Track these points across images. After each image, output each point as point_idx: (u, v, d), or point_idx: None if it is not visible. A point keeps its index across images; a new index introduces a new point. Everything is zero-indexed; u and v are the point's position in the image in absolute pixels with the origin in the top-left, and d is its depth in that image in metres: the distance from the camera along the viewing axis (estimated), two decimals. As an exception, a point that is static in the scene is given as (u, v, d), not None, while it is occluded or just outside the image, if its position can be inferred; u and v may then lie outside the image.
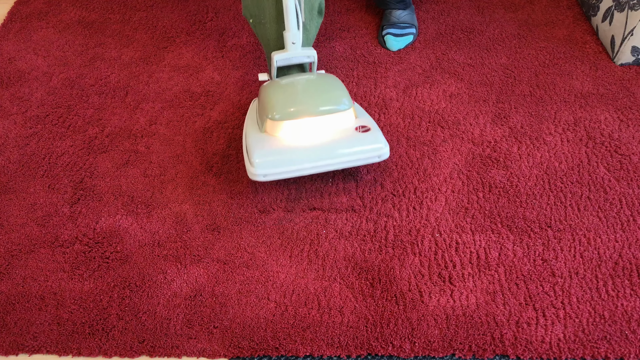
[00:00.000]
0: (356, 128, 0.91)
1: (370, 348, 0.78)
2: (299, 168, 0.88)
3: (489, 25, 1.32)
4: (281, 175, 0.88)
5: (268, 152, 0.88)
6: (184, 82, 1.20)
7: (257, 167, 0.87)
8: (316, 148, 0.88)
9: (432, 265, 0.87)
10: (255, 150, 0.88)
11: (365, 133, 0.90)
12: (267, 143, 0.89)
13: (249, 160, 0.88)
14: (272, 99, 0.91)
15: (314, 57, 0.98)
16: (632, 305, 0.81)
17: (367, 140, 0.89)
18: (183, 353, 0.78)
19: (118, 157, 1.04)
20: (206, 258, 0.89)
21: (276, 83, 0.95)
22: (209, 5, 1.41)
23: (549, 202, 0.95)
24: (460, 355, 0.77)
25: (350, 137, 0.89)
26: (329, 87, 0.93)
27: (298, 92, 0.92)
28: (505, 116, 1.10)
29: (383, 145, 0.90)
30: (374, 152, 0.89)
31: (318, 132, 0.90)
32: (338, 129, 0.90)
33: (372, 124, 0.92)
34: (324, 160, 0.88)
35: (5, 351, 0.79)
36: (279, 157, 0.88)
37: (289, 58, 0.97)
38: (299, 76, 0.97)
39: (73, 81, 1.20)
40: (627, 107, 1.11)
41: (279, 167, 0.87)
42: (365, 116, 0.94)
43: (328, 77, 0.96)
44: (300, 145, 0.88)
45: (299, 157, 0.88)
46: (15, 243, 0.91)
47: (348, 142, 0.89)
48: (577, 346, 0.77)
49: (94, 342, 0.79)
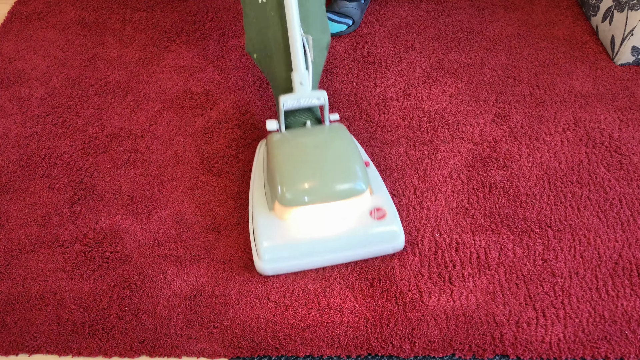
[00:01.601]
0: (371, 212, 0.84)
1: (370, 348, 0.78)
2: (309, 263, 0.84)
3: (489, 25, 1.32)
4: (290, 270, 0.85)
5: (278, 247, 0.82)
6: (184, 82, 1.20)
7: (266, 263, 0.82)
8: (330, 242, 0.83)
9: (432, 265, 0.87)
10: (263, 241, 0.82)
11: (380, 220, 0.83)
12: (277, 232, 0.82)
13: (257, 252, 0.83)
14: (282, 175, 0.81)
15: (325, 99, 0.89)
16: (632, 305, 0.81)
17: (382, 231, 0.83)
18: (183, 353, 0.78)
19: (118, 157, 1.04)
20: (206, 258, 0.89)
21: (285, 145, 0.86)
22: (209, 5, 1.41)
23: (549, 202, 0.95)
24: (460, 355, 0.77)
25: (365, 227, 0.83)
26: (345, 158, 0.83)
27: (309, 167, 0.81)
28: (505, 116, 1.10)
29: (399, 233, 0.84)
30: (387, 244, 0.85)
31: (331, 218, 0.83)
32: (352, 214, 0.83)
33: (388, 203, 0.85)
34: (336, 255, 0.84)
35: (5, 351, 0.79)
36: (290, 253, 0.82)
37: (298, 101, 0.89)
38: (309, 134, 0.88)
39: (73, 81, 1.20)
40: (627, 107, 1.11)
41: (289, 263, 0.83)
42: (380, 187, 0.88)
43: (340, 137, 0.86)
44: (311, 237, 0.82)
45: (310, 253, 0.83)
46: (15, 243, 0.91)
47: (362, 236, 0.83)
48: (577, 346, 0.77)
49: (94, 342, 0.79)
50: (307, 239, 0.82)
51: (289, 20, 0.85)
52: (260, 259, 0.82)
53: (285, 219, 0.83)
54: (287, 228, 0.82)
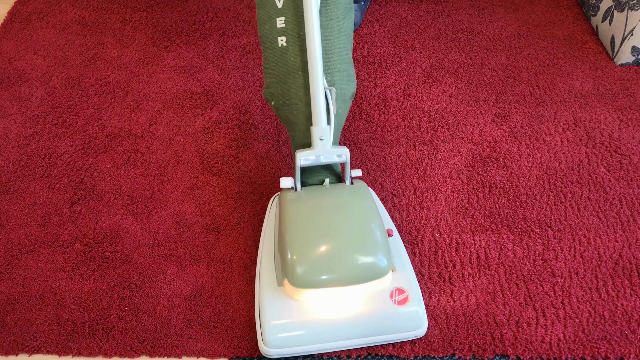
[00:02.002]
0: (391, 294, 0.75)
1: (370, 348, 0.78)
2: (319, 349, 0.75)
3: (489, 25, 1.32)
4: (297, 354, 0.75)
5: (284, 328, 0.73)
6: (184, 82, 1.20)
7: (270, 346, 0.73)
8: (343, 328, 0.73)
9: (432, 265, 0.87)
10: (269, 323, 0.73)
11: (402, 306, 0.74)
12: (285, 312, 0.73)
13: (261, 332, 0.74)
14: (296, 247, 0.72)
15: (347, 157, 0.81)
16: (632, 305, 0.81)
17: (405, 320, 0.75)
18: (183, 353, 0.78)
19: (118, 157, 1.04)
20: (206, 258, 0.89)
21: (301, 209, 0.77)
22: (209, 5, 1.41)
23: (549, 202, 0.95)
24: (460, 355, 0.77)
25: (385, 313, 0.74)
26: (367, 229, 0.74)
27: (327, 240, 0.72)
28: (505, 116, 1.10)
29: (423, 324, 0.76)
30: (410, 332, 0.76)
31: (346, 304, 0.74)
32: (371, 297, 0.74)
33: (411, 284, 0.77)
34: (350, 342, 0.75)
35: (5, 351, 0.79)
36: (298, 338, 0.73)
37: (317, 158, 0.81)
38: (327, 197, 0.80)
39: (73, 81, 1.20)
40: (627, 107, 1.11)
41: (297, 349, 0.74)
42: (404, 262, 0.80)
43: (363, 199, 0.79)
44: (324, 320, 0.73)
45: (321, 338, 0.73)
46: (15, 243, 0.91)
47: (380, 322, 0.74)
48: (577, 346, 0.77)
49: (94, 342, 0.79)
50: (318, 324, 0.73)
51: (311, 69, 0.76)
52: (265, 343, 0.73)
53: (294, 299, 0.74)
54: (297, 309, 0.73)
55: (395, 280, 0.76)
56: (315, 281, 0.71)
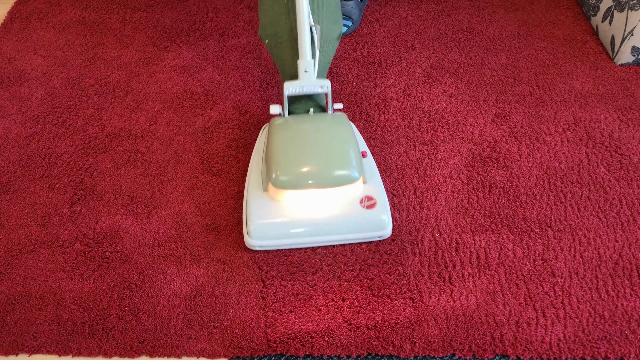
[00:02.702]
0: (361, 200, 0.86)
1: (371, 348, 0.78)
2: (295, 243, 0.87)
3: (489, 25, 1.32)
4: (276, 247, 0.87)
5: (267, 224, 0.85)
6: (184, 82, 1.20)
7: (253, 238, 0.85)
8: (317, 225, 0.85)
9: (432, 265, 0.87)
10: (254, 218, 0.85)
11: (369, 210, 0.85)
12: (267, 211, 0.85)
13: (246, 227, 0.86)
14: (279, 158, 0.83)
15: (328, 88, 0.91)
16: (632, 305, 0.81)
17: (370, 221, 0.85)
18: (183, 353, 0.78)
19: (118, 157, 1.04)
20: (206, 258, 0.89)
21: (286, 129, 0.88)
22: (209, 5, 1.41)
23: (549, 202, 0.95)
24: (460, 355, 0.77)
25: (354, 214, 0.85)
26: (342, 146, 0.85)
27: (305, 152, 0.84)
28: (505, 116, 1.10)
29: (386, 223, 0.86)
30: (374, 232, 0.87)
31: (322, 203, 0.85)
32: (343, 201, 0.86)
33: (379, 193, 0.87)
34: (322, 238, 0.86)
35: (5, 351, 0.79)
36: (277, 231, 0.85)
37: (301, 88, 0.91)
38: (309, 121, 0.91)
39: (73, 81, 1.20)
40: (627, 107, 1.11)
41: (275, 240, 0.86)
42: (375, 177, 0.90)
43: (339, 125, 0.89)
44: (300, 218, 0.85)
45: (297, 232, 0.85)
46: (15, 243, 0.91)
47: (350, 222, 0.85)
48: (577, 346, 0.77)
49: (94, 342, 0.79)
50: (295, 221, 0.85)
51: (298, 8, 0.88)
52: (250, 236, 0.86)
53: (277, 200, 0.86)
54: (277, 209, 0.85)
55: (366, 189, 0.88)
56: (294, 182, 0.82)
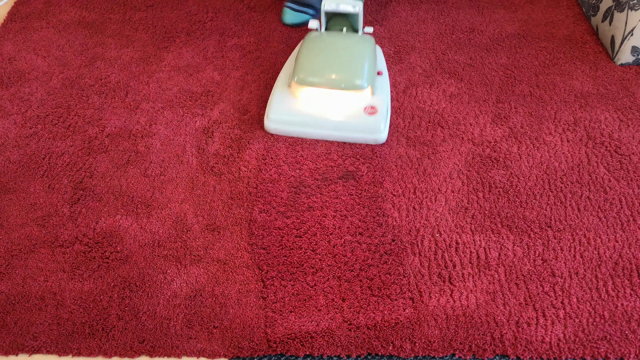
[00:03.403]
0: (365, 108, 1.02)
1: (371, 348, 0.78)
2: (303, 132, 1.04)
3: (489, 25, 1.32)
4: (287, 134, 1.05)
5: (283, 112, 1.03)
6: (184, 82, 1.20)
7: (271, 121, 1.04)
8: (324, 120, 1.02)
9: (432, 265, 0.87)
10: (275, 106, 1.04)
11: (370, 116, 1.01)
12: (286, 103, 1.04)
13: (267, 112, 1.05)
14: (304, 61, 1.03)
15: (360, 9, 1.05)
16: (632, 305, 0.81)
17: (368, 125, 1.01)
18: (183, 353, 0.78)
19: (118, 157, 1.04)
20: (206, 258, 0.89)
21: (317, 40, 1.06)
22: (209, 5, 1.41)
23: (549, 202, 0.95)
24: (460, 355, 0.77)
25: (356, 117, 1.02)
26: (359, 60, 1.02)
27: (327, 59, 1.02)
28: (505, 116, 1.10)
29: (382, 130, 1.01)
30: (370, 135, 1.02)
31: (332, 103, 1.03)
32: (350, 105, 1.02)
33: (383, 106, 1.03)
34: (327, 132, 1.03)
35: (5, 351, 0.79)
36: (290, 119, 1.03)
37: (336, 5, 1.05)
38: (340, 37, 1.07)
39: (73, 81, 1.20)
40: (627, 107, 1.11)
41: (288, 127, 1.04)
42: (383, 93, 1.05)
43: (364, 43, 1.05)
44: (311, 113, 1.03)
45: (306, 124, 1.03)
46: (15, 243, 0.91)
47: (352, 122, 1.01)
48: (577, 346, 0.77)
49: (94, 342, 0.79)
50: (306, 113, 1.03)
51: None
52: (268, 119, 1.04)
53: (296, 96, 1.04)
54: (295, 102, 1.04)
55: (372, 100, 1.03)
56: (310, 80, 1.01)
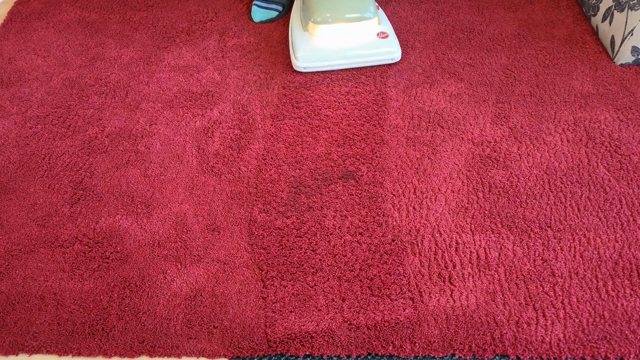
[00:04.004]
0: (377, 34, 1.18)
1: (371, 348, 0.78)
2: (330, 64, 1.17)
3: (489, 25, 1.32)
4: (316, 69, 1.18)
5: (308, 50, 1.16)
6: (184, 82, 1.20)
7: (300, 60, 1.16)
8: (344, 50, 1.17)
9: (432, 265, 0.87)
10: (299, 47, 1.17)
11: (384, 39, 1.18)
12: (308, 42, 1.17)
13: (294, 54, 1.17)
14: (315, 3, 1.17)
15: None
16: (632, 305, 0.81)
17: (384, 46, 1.18)
18: (183, 353, 0.78)
19: (118, 157, 1.04)
20: (206, 258, 0.89)
21: None
22: (209, 5, 1.41)
23: (549, 202, 0.95)
24: (460, 355, 0.77)
25: (372, 42, 1.18)
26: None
27: None
28: (505, 116, 1.10)
29: (396, 50, 1.18)
30: (388, 55, 1.19)
31: (348, 35, 1.18)
32: (363, 34, 1.18)
33: (390, 31, 1.20)
34: (349, 60, 1.17)
35: (5, 351, 0.79)
36: (316, 54, 1.16)
37: None
38: None
39: (73, 81, 1.20)
40: (627, 107, 1.11)
41: (316, 62, 1.17)
42: (387, 23, 1.22)
43: None
44: (332, 46, 1.17)
45: (330, 56, 1.17)
46: (15, 243, 0.91)
47: (369, 46, 1.17)
48: (577, 346, 0.77)
49: (94, 342, 0.79)
50: (330, 48, 1.17)
51: None
52: (297, 60, 1.17)
53: (315, 35, 1.18)
54: (315, 40, 1.18)
55: (380, 28, 1.20)
56: (327, 18, 1.16)
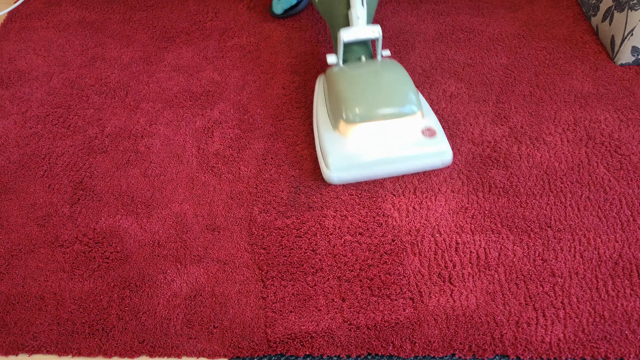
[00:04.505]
0: (423, 131, 0.94)
1: (371, 348, 0.78)
2: (369, 174, 0.94)
3: (489, 25, 1.32)
4: (353, 180, 0.95)
5: (342, 157, 0.93)
6: (184, 82, 1.20)
7: (333, 170, 0.93)
8: (385, 155, 0.93)
9: (432, 265, 0.87)
10: (330, 152, 0.93)
11: (431, 138, 0.94)
12: (341, 146, 0.94)
13: (325, 162, 0.94)
14: (345, 98, 0.93)
15: (379, 33, 0.99)
16: (632, 305, 0.81)
17: (432, 147, 0.94)
18: (183, 353, 0.78)
19: (118, 157, 1.04)
20: (206, 258, 0.89)
21: (346, 75, 0.97)
22: (209, 5, 1.41)
23: (549, 202, 0.95)
24: (460, 355, 0.77)
25: (417, 143, 0.93)
26: (398, 84, 0.94)
27: (369, 91, 0.93)
28: (505, 116, 1.10)
29: (447, 150, 0.94)
30: (437, 158, 0.94)
31: (388, 135, 0.94)
32: (406, 132, 0.94)
33: (436, 125, 0.96)
34: (394, 167, 0.94)
35: (5, 351, 0.79)
36: (352, 162, 0.93)
37: (355, 33, 0.98)
38: (366, 66, 0.99)
39: (73, 81, 1.20)
40: (627, 107, 1.11)
41: (353, 172, 0.93)
42: (431, 114, 0.98)
43: (394, 68, 0.98)
44: (370, 150, 0.93)
45: (370, 163, 0.93)
46: (15, 243, 0.91)
47: (414, 150, 0.93)
48: (577, 346, 0.77)
49: (94, 342, 0.79)
50: (368, 153, 0.93)
51: None
52: (328, 169, 0.93)
53: (348, 136, 0.94)
54: (349, 143, 0.94)
55: (425, 122, 0.96)
56: (363, 116, 0.91)
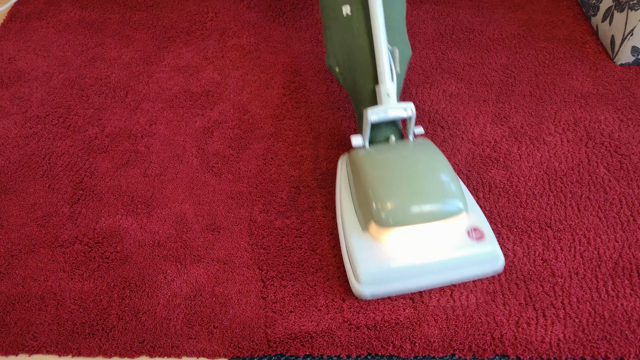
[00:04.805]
0: (469, 232, 0.80)
1: (371, 348, 0.78)
2: (409, 288, 0.79)
3: (489, 25, 1.32)
4: (388, 295, 0.81)
5: (376, 269, 0.77)
6: (184, 82, 1.20)
7: (364, 284, 0.77)
8: (427, 265, 0.78)
9: (432, 265, 0.87)
10: (361, 261, 0.78)
11: (479, 242, 0.79)
12: (374, 255, 0.78)
13: (355, 274, 0.78)
14: (376, 193, 0.76)
15: (412, 111, 0.85)
16: (632, 305, 0.81)
17: (483, 254, 0.79)
18: (183, 353, 0.78)
19: (118, 157, 1.04)
20: (206, 258, 0.89)
21: (376, 162, 0.81)
22: (209, 5, 1.41)
23: (549, 202, 0.95)
24: (460, 355, 0.77)
25: (465, 248, 0.78)
26: (437, 173, 0.78)
27: (404, 184, 0.76)
28: (505, 116, 1.10)
29: (498, 254, 0.80)
30: (488, 265, 0.80)
31: (429, 239, 0.79)
32: (450, 235, 0.79)
33: (484, 224, 0.81)
34: (435, 278, 0.79)
35: (5, 351, 0.79)
36: (388, 275, 0.78)
37: (385, 112, 0.85)
38: (397, 149, 0.84)
39: (73, 81, 1.20)
40: (627, 107, 1.11)
41: (388, 286, 0.78)
42: (477, 211, 0.83)
43: (430, 151, 0.82)
44: (409, 260, 0.77)
45: (408, 275, 0.78)
46: (15, 243, 0.91)
47: (461, 257, 0.78)
48: (577, 346, 0.77)
49: (94, 342, 0.79)
50: (407, 262, 0.77)
51: (375, 32, 0.85)
52: (360, 283, 0.77)
53: (381, 240, 0.78)
54: (384, 250, 0.78)
55: (470, 220, 0.81)
56: (401, 219, 0.75)
